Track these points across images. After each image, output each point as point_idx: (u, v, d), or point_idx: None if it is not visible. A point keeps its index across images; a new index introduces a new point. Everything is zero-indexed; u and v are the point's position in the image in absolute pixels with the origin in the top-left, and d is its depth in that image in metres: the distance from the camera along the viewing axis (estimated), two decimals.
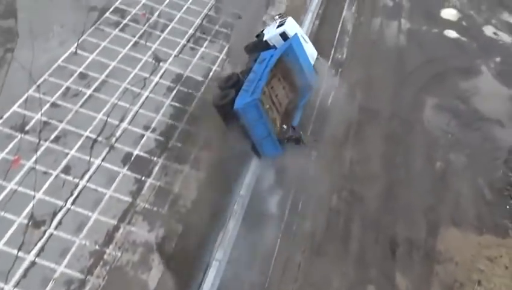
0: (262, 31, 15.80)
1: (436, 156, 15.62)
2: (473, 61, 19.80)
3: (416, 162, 15.20)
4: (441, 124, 16.69)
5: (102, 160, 13.14)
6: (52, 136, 13.29)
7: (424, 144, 15.89)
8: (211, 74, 16.32)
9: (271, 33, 15.12)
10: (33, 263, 10.96)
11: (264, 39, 15.17)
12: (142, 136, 14.04)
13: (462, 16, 22.47)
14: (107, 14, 17.33)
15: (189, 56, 16.81)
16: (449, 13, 22.51)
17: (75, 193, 12.31)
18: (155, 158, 13.58)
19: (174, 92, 15.46)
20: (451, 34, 21.12)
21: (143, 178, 13.06)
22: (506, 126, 17.12)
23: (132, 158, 13.39)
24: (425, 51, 19.66)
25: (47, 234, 11.44)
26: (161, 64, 16.26)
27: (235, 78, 14.17)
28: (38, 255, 11.08)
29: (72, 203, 12.05)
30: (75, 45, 15.84)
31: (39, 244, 11.26)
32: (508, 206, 14.22)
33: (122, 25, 17.10)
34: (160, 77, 15.79)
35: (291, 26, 14.94)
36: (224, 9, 18.80)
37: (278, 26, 15.19)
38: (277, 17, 15.89)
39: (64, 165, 12.74)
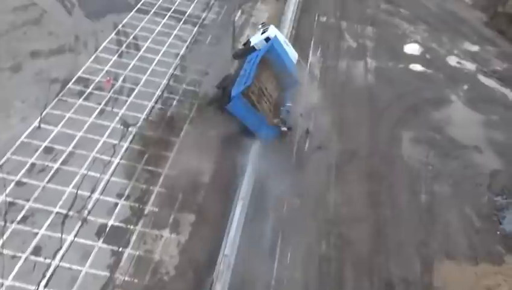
0: (249, 39, 19.60)
1: (420, 189, 16.47)
2: (442, 91, 21.55)
3: (401, 198, 15.96)
4: (420, 156, 17.77)
5: (75, 235, 13.22)
6: (19, 217, 13.35)
7: (407, 178, 16.80)
8: (182, 133, 16.99)
9: (257, 39, 19.03)
10: None
11: (251, 44, 18.94)
12: (116, 204, 14.30)
13: (425, 49, 24.68)
14: (70, 84, 18.06)
15: (159, 117, 17.41)
16: (412, 48, 24.71)
17: (48, 275, 12.23)
18: (131, 226, 13.78)
19: (147, 155, 15.96)
20: (417, 67, 23.07)
21: (120, 249, 13.15)
22: (484, 151, 18.44)
23: (107, 229, 13.55)
24: (394, 87, 21.31)
25: None
26: (130, 129, 16.84)
27: (231, 77, 17.67)
28: None
29: (45, 286, 11.95)
30: (38, 119, 16.32)
31: None
32: (498, 232, 14.97)
33: (86, 93, 17.81)
34: (131, 142, 16.33)
35: (273, 32, 18.79)
36: (190, 67, 19.96)
37: (262, 33, 19.12)
38: (260, 26, 19.84)
39: (33, 246, 12.73)
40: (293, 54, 18.65)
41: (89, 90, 17.99)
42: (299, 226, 14.48)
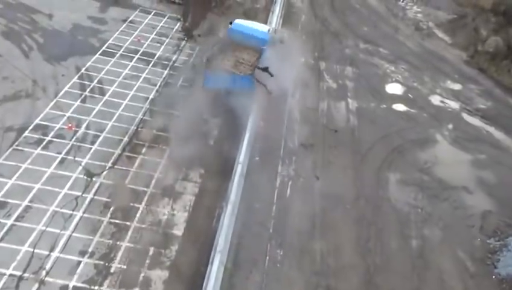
0: None
1: (410, 233, 17.19)
2: (427, 131, 22.96)
3: (391, 244, 16.60)
4: (408, 199, 18.66)
5: None
6: None
7: (396, 222, 17.54)
8: (153, 181, 17.43)
9: None
10: None
11: None
12: (79, 263, 14.27)
13: (407, 88, 26.44)
14: (27, 133, 18.30)
15: (127, 166, 17.97)
16: (394, 88, 26.40)
17: None
18: (96, 287, 13.73)
19: (113, 207, 16.18)
20: (400, 107, 24.60)
21: None
22: (474, 192, 19.55)
23: None
24: (378, 128, 22.59)
25: None
26: (94, 179, 17.12)
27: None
28: None
29: None
30: None
31: None
32: (494, 276, 15.71)
33: (45, 142, 18.05)
34: (95, 193, 16.54)
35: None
36: (160, 111, 20.71)
37: None
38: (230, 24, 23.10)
39: None
40: (262, 27, 23.24)
41: (48, 138, 18.27)
42: (284, 280, 14.77)
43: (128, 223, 15.75)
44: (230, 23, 22.68)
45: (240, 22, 22.80)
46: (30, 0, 26.89)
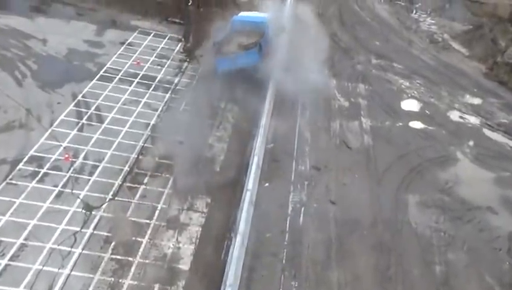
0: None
1: (433, 259, 17.25)
2: (447, 149, 23.28)
3: (413, 271, 16.64)
4: (429, 222, 18.81)
5: None
6: None
7: (417, 248, 17.61)
8: (157, 213, 17.66)
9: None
10: None
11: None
12: None
13: (424, 104, 26.97)
14: (21, 165, 18.63)
15: (128, 197, 18.14)
16: (409, 104, 26.94)
17: None
18: None
19: (114, 242, 16.32)
20: (417, 125, 25.04)
21: None
22: (499, 212, 19.70)
23: None
24: (394, 147, 22.95)
25: None
26: (94, 212, 17.32)
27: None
28: None
29: None
30: None
31: None
32: None
33: (40, 175, 18.35)
34: (95, 228, 16.71)
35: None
36: (162, 138, 21.15)
37: None
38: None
39: None
40: (261, 16, 27.29)
41: (43, 170, 18.60)
42: None
43: (130, 258, 15.90)
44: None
45: (241, 14, 27.61)
46: (23, 26, 27.93)
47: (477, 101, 27.99)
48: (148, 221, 17.32)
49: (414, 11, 40.78)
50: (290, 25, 28.14)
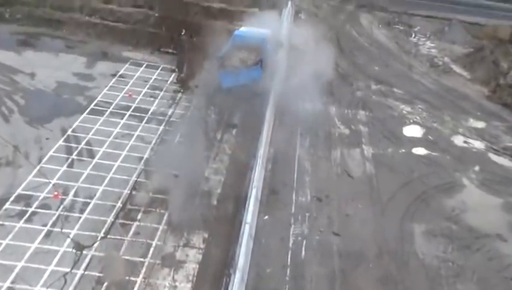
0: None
1: None
2: (452, 175, 23.64)
3: None
4: (437, 252, 18.92)
5: None
6: None
7: (425, 279, 17.69)
8: (151, 250, 17.65)
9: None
10: None
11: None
12: None
13: (426, 130, 27.48)
14: (7, 205, 18.63)
15: (121, 235, 18.23)
16: (412, 130, 27.46)
17: None
18: None
19: (106, 283, 16.25)
20: (420, 151, 25.46)
21: None
22: (508, 239, 19.89)
23: None
24: (398, 175, 23.27)
25: None
26: (85, 252, 17.26)
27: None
28: None
29: None
30: None
31: None
32: None
33: (28, 214, 18.34)
34: (86, 268, 16.63)
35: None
36: (156, 172, 21.27)
37: None
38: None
39: None
40: (262, 32, 29.10)
41: (31, 209, 18.61)
42: None
43: None
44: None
45: (242, 29, 29.84)
46: (10, 60, 28.54)
47: (481, 124, 28.59)
48: (142, 259, 17.29)
49: (413, 35, 41.81)
50: (287, 41, 30.08)
